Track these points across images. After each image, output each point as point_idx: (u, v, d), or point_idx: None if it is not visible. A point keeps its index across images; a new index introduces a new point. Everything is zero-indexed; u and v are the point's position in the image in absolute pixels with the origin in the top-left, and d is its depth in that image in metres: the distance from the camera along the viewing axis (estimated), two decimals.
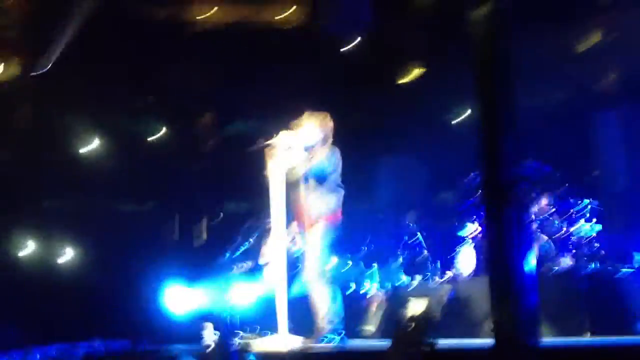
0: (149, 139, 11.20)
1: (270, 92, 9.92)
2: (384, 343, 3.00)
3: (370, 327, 6.45)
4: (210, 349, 2.79)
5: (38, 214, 10.48)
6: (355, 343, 5.57)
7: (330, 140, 5.45)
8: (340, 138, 5.69)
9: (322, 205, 5.28)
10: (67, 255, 10.09)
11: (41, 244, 10.15)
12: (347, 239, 5.85)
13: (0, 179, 9.98)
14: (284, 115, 6.13)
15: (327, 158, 5.31)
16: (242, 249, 7.02)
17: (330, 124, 5.47)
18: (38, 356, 6.15)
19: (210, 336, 6.34)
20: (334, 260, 5.37)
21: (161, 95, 11.16)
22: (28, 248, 9.99)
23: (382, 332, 6.38)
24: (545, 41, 7.78)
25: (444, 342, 5.04)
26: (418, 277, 7.39)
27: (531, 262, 2.67)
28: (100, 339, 7.20)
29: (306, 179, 5.36)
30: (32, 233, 10.12)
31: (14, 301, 8.62)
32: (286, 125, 5.62)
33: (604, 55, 8.30)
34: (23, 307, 8.61)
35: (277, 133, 5.51)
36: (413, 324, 2.17)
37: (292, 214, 5.63)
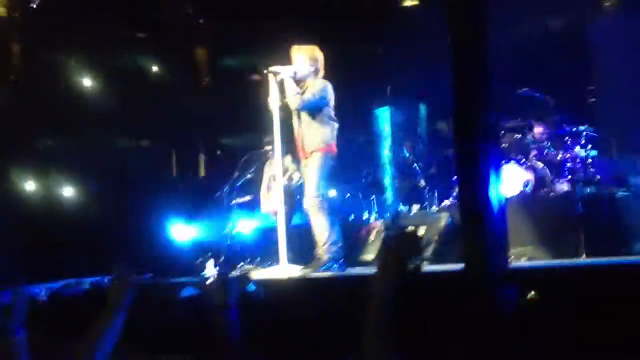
0: (143, 73, 11.13)
1: (261, 26, 9.79)
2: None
3: (369, 256, 6.55)
4: (210, 282, 2.85)
5: (38, 152, 10.49)
6: (355, 270, 5.68)
7: (321, 72, 5.42)
8: (334, 70, 5.65)
9: (316, 137, 5.30)
10: (69, 192, 10.16)
11: (42, 183, 10.20)
12: (345, 170, 5.89)
13: None
14: (275, 48, 6.07)
15: (319, 90, 5.30)
16: (240, 181, 7.07)
17: (319, 56, 5.42)
18: (43, 291, 6.27)
19: (210, 270, 6.49)
20: (332, 191, 5.43)
21: (155, 30, 11.01)
22: (29, 187, 10.05)
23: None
24: None
25: (440, 267, 5.16)
26: (416, 206, 7.47)
27: (499, 190, 2.71)
28: (103, 273, 7.34)
29: (299, 112, 5.35)
30: (33, 172, 10.16)
31: (18, 239, 8.72)
32: (277, 59, 5.58)
33: None
34: (27, 244, 8.71)
35: (268, 67, 5.46)
36: (398, 244, 2.20)
37: (286, 146, 5.65)
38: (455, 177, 7.11)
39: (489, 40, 3.16)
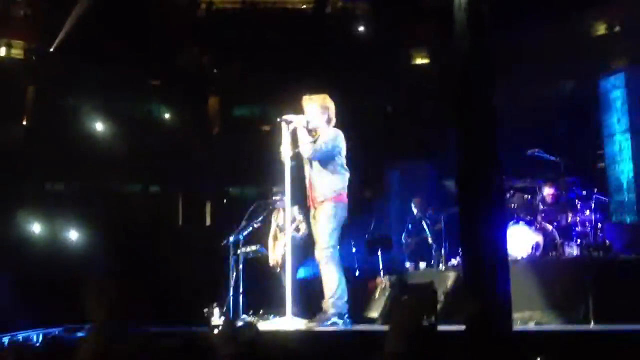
0: (157, 121, 11.24)
1: (273, 76, 9.93)
2: (387, 328, 3.01)
3: (374, 313, 6.45)
4: (217, 331, 2.80)
5: (46, 195, 10.53)
6: (359, 327, 5.58)
7: (333, 121, 5.41)
8: (344, 124, 5.68)
9: (327, 186, 5.24)
10: (73, 236, 10.13)
11: (48, 226, 10.19)
12: (351, 224, 5.84)
13: (6, 158, 10.02)
14: (286, 98, 6.12)
15: (331, 139, 5.28)
16: (247, 231, 7.02)
17: (330, 104, 5.42)
18: (40, 337, 6.19)
19: (216, 319, 6.39)
20: (338, 242, 5.32)
21: (168, 77, 11.18)
22: (35, 229, 10.04)
23: (385, 318, 6.37)
24: (557, 27, 7.75)
25: (448, 328, 5.06)
26: (422, 263, 7.39)
27: (503, 252, 2.67)
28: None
29: (310, 161, 5.32)
30: (39, 215, 10.17)
31: (18, 284, 8.66)
32: (287, 109, 5.61)
33: (612, 43, 8.27)
34: (29, 287, 8.65)
35: (279, 117, 5.48)
36: (412, 303, 2.15)
37: (294, 196, 5.62)
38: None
39: (495, 101, 3.15)
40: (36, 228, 10.03)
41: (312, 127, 5.39)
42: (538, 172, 7.10)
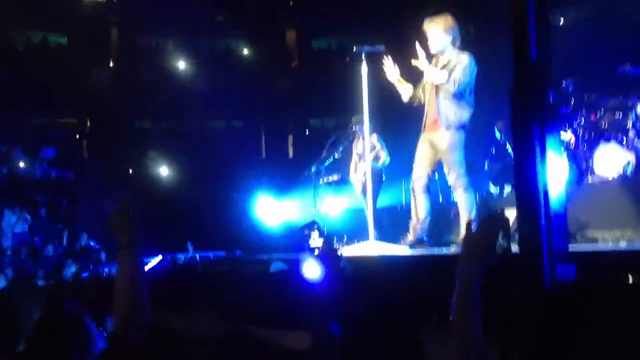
0: (236, 57, 11.34)
1: (349, 8, 9.69)
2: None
3: (458, 237, 6.42)
4: (318, 252, 2.84)
5: (135, 134, 10.92)
6: (442, 251, 5.58)
7: (459, 41, 5.16)
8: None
9: (454, 115, 5.07)
10: (163, 172, 10.52)
11: (138, 163, 10.61)
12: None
13: (97, 100, 10.41)
14: (364, 29, 5.98)
15: (461, 63, 5.04)
16: (329, 161, 7.07)
17: (453, 23, 5.16)
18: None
19: (317, 240, 6.51)
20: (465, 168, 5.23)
21: (246, 13, 11.18)
22: (126, 167, 10.48)
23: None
24: None
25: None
26: (508, 187, 7.25)
27: (557, 173, 2.54)
28: (196, 250, 7.58)
29: (437, 87, 5.11)
30: (130, 152, 10.57)
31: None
32: (368, 39, 5.45)
33: None
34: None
35: (357, 45, 5.34)
36: (486, 224, 2.11)
37: (373, 125, 5.49)
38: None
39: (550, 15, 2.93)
40: (129, 165, 10.45)
41: (435, 51, 5.16)
42: (631, 89, 6.75)
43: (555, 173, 2.46)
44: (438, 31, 5.01)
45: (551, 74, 2.57)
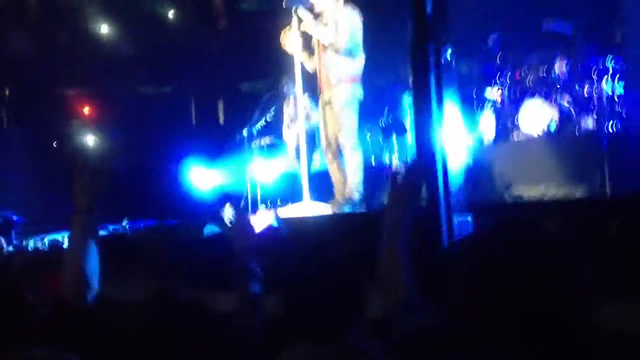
0: (163, 20, 10.99)
1: None
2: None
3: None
4: (229, 225, 2.83)
5: (61, 99, 10.52)
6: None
7: (342, 0, 5.19)
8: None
9: (343, 69, 5.11)
10: (90, 140, 10.21)
11: (64, 130, 10.26)
12: (365, 110, 5.76)
13: (19, 65, 9.96)
14: None
15: (345, 18, 5.09)
16: (259, 124, 7.01)
17: None
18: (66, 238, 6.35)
19: (228, 213, 6.49)
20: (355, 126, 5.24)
21: None
22: (52, 134, 10.12)
23: None
24: None
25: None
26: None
27: (457, 133, 2.60)
28: (127, 218, 7.42)
29: (325, 43, 5.14)
30: (54, 119, 10.21)
31: (43, 187, 8.81)
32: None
33: None
34: (53, 192, 8.80)
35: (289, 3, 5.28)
36: (413, 175, 2.14)
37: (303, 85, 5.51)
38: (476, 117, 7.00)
39: None
40: (53, 134, 10.10)
41: (319, 9, 5.19)
42: (553, 45, 6.89)
43: (453, 128, 2.51)
44: None
45: (448, 29, 2.60)
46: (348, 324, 1.94)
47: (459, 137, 2.72)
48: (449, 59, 2.62)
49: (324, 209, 5.20)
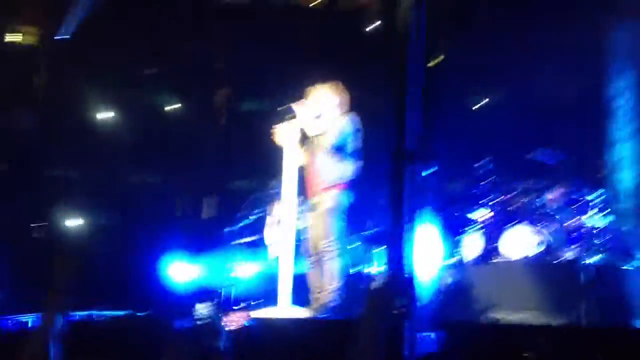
0: (160, 111, 11.22)
1: (282, 67, 9.87)
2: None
3: None
4: (201, 323, 2.79)
5: (51, 180, 10.55)
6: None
7: (346, 108, 5.34)
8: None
9: (334, 173, 5.16)
10: (73, 223, 10.14)
11: (50, 211, 10.22)
12: (350, 219, 5.77)
13: (12, 145, 10.07)
14: (296, 89, 6.06)
15: (345, 125, 5.21)
16: (245, 222, 7.01)
17: (343, 92, 5.36)
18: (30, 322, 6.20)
19: (202, 312, 6.37)
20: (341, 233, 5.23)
21: (175, 68, 11.16)
22: (35, 216, 10.06)
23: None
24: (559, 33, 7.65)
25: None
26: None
27: (430, 248, 2.61)
28: (100, 307, 7.26)
29: (316, 147, 5.23)
30: (43, 199, 10.19)
31: (17, 268, 8.68)
32: (298, 98, 5.55)
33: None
34: (28, 274, 8.66)
35: (287, 107, 5.44)
36: (382, 291, 2.14)
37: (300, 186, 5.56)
38: (462, 236, 7.03)
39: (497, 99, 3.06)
40: (50, 216, 10.05)
41: (319, 113, 5.32)
42: (541, 174, 7.04)
43: (425, 243, 2.51)
44: (325, 95, 5.24)
45: (428, 149, 2.65)
46: None
47: (432, 255, 2.71)
48: (427, 179, 2.64)
49: (299, 313, 5.11)
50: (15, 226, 9.50)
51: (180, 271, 8.17)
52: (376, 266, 7.19)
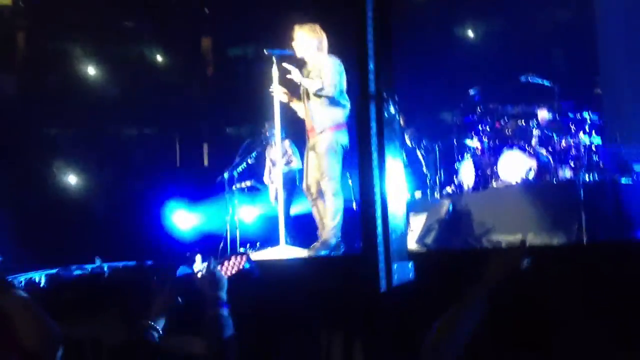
0: (149, 62, 11.14)
1: (265, 14, 9.78)
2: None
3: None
4: (200, 276, 2.87)
5: (44, 141, 10.54)
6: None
7: (325, 50, 5.34)
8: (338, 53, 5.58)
9: (327, 116, 5.20)
10: (72, 180, 10.20)
11: (46, 171, 10.24)
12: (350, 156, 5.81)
13: (5, 105, 10.02)
14: (279, 36, 6.04)
15: (327, 68, 5.21)
16: (240, 168, 7.05)
17: (321, 34, 5.34)
18: (42, 277, 6.30)
19: (199, 264, 6.47)
20: (340, 172, 5.29)
21: (161, 18, 11.02)
22: (34, 174, 10.09)
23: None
24: None
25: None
26: (418, 192, 7.42)
27: (397, 184, 2.66)
28: (105, 259, 7.37)
29: (308, 93, 5.26)
30: (38, 160, 10.20)
31: (24, 226, 8.76)
32: (280, 46, 5.55)
33: None
34: (34, 231, 8.75)
35: (270, 51, 5.43)
36: (509, 257, 2.18)
37: (285, 131, 5.58)
38: (457, 165, 7.10)
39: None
40: (35, 174, 10.08)
41: (300, 56, 5.34)
42: (532, 98, 7.05)
43: (394, 179, 2.57)
44: (304, 36, 5.24)
45: (393, 82, 2.66)
46: None
47: (400, 189, 2.78)
48: (393, 113, 2.68)
49: (299, 253, 5.21)
50: (16, 188, 9.55)
51: (183, 218, 8.28)
52: None
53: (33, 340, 2.07)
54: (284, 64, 5.33)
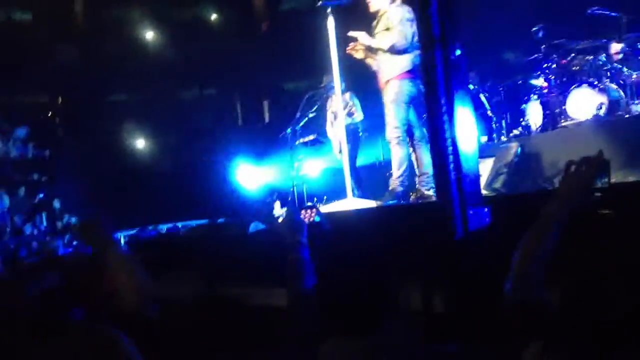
0: (204, 25, 11.18)
1: None
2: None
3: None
4: (280, 221, 2.87)
5: (108, 107, 10.80)
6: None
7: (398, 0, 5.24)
8: None
9: (394, 65, 5.15)
10: (140, 144, 10.45)
11: (114, 136, 10.52)
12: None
13: (67, 75, 10.26)
14: None
15: (396, 19, 5.13)
16: (304, 121, 7.06)
17: None
18: (122, 239, 6.53)
19: (278, 210, 6.57)
20: (406, 121, 5.23)
21: None
22: (103, 140, 10.38)
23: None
24: None
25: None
26: (483, 137, 7.29)
27: (468, 129, 2.58)
28: (178, 219, 7.58)
29: (385, 49, 5.20)
30: (104, 125, 10.48)
31: (99, 190, 9.06)
32: None
33: None
34: (109, 195, 9.04)
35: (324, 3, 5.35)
36: (585, 167, 2.12)
37: (346, 83, 5.50)
38: (523, 107, 6.92)
39: None
40: (106, 140, 10.36)
41: (374, 9, 5.26)
42: (598, 31, 6.76)
43: (464, 123, 2.51)
44: None
45: (457, 24, 2.59)
46: (386, 316, 1.95)
47: (471, 133, 2.73)
48: (457, 59, 2.63)
49: (367, 204, 5.21)
50: (90, 154, 9.85)
51: (249, 176, 8.40)
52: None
53: (134, 297, 2.14)
54: (350, 33, 5.29)
